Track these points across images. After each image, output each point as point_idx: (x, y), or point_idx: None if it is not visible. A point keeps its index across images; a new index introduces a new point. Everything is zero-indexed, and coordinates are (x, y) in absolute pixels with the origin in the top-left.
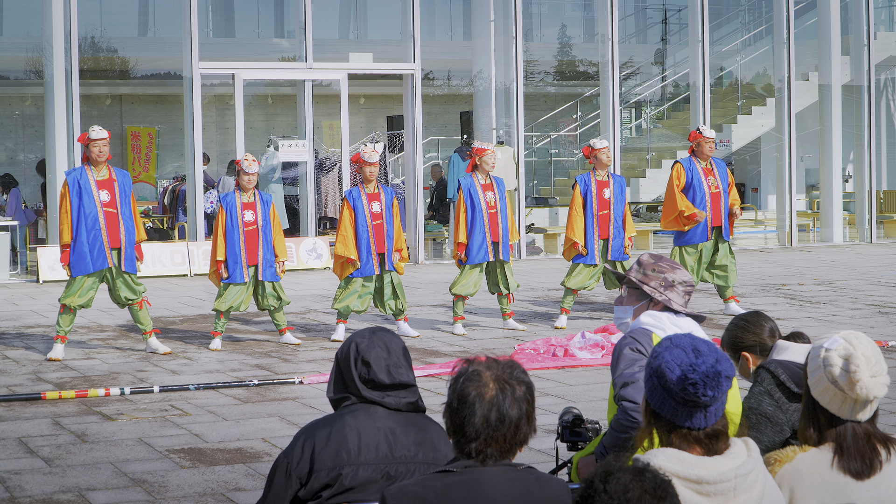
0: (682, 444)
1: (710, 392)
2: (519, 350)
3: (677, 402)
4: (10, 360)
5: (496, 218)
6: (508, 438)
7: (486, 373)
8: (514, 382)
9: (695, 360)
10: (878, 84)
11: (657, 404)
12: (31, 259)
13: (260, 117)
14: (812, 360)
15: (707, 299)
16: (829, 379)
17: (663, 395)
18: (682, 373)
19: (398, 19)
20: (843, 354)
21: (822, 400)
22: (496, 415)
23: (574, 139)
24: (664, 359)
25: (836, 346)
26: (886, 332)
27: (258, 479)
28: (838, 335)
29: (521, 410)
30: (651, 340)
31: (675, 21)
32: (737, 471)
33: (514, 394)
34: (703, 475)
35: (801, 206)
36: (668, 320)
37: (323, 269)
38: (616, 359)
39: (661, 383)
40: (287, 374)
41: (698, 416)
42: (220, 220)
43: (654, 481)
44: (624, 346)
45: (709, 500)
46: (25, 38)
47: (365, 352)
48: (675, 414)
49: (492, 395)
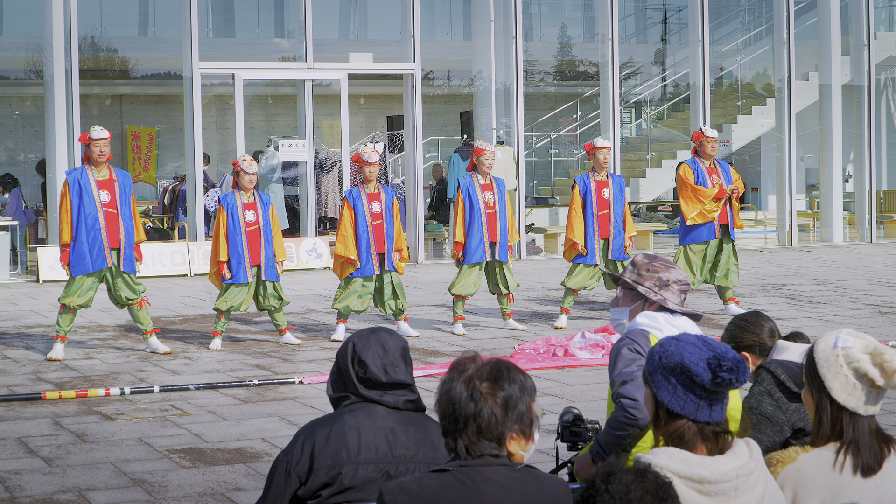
0: (693, 440)
1: (743, 377)
2: (519, 350)
3: (700, 399)
4: (10, 360)
5: (494, 218)
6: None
7: (479, 371)
8: (506, 381)
9: (716, 351)
10: (878, 84)
11: (679, 405)
12: (31, 259)
13: (260, 117)
14: (827, 362)
15: (707, 299)
16: (855, 375)
17: (685, 393)
18: (707, 365)
19: (398, 19)
20: (864, 349)
21: (849, 400)
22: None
23: (574, 139)
24: (684, 356)
25: (850, 344)
26: (886, 332)
27: (258, 479)
28: (840, 334)
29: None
30: (648, 341)
31: (675, 21)
32: (738, 471)
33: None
34: (704, 474)
35: (801, 206)
36: (664, 320)
37: (323, 269)
38: (614, 359)
39: (688, 378)
40: (287, 374)
41: (717, 410)
42: (221, 221)
43: (656, 482)
44: (622, 346)
45: (710, 500)
46: (25, 38)
47: (361, 351)
48: (698, 409)
49: (485, 394)
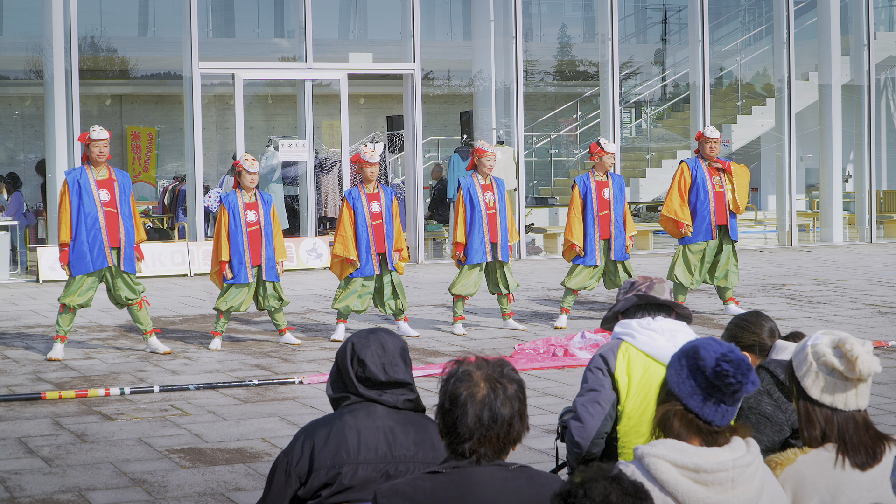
0: (682, 430)
1: (741, 378)
2: (519, 350)
3: (699, 386)
4: (10, 360)
5: (495, 218)
6: (501, 437)
7: (477, 372)
8: (505, 381)
9: (734, 351)
10: (878, 84)
11: (678, 383)
12: (31, 259)
13: (260, 117)
14: (800, 362)
15: (707, 299)
16: (825, 370)
17: (689, 374)
18: (721, 353)
19: (398, 19)
20: (831, 343)
21: (823, 396)
22: (488, 414)
23: (574, 139)
24: (702, 344)
25: (819, 340)
26: (886, 332)
27: (258, 479)
28: (816, 333)
29: (514, 409)
30: (615, 354)
31: (675, 21)
32: (735, 462)
33: (506, 392)
34: (700, 464)
35: (801, 206)
36: (637, 325)
37: (323, 269)
38: (587, 372)
39: (691, 361)
40: (287, 374)
41: (710, 408)
42: (223, 221)
43: (632, 484)
44: (591, 364)
45: (706, 490)
46: (25, 38)
47: (360, 350)
48: (692, 396)
49: (483, 395)
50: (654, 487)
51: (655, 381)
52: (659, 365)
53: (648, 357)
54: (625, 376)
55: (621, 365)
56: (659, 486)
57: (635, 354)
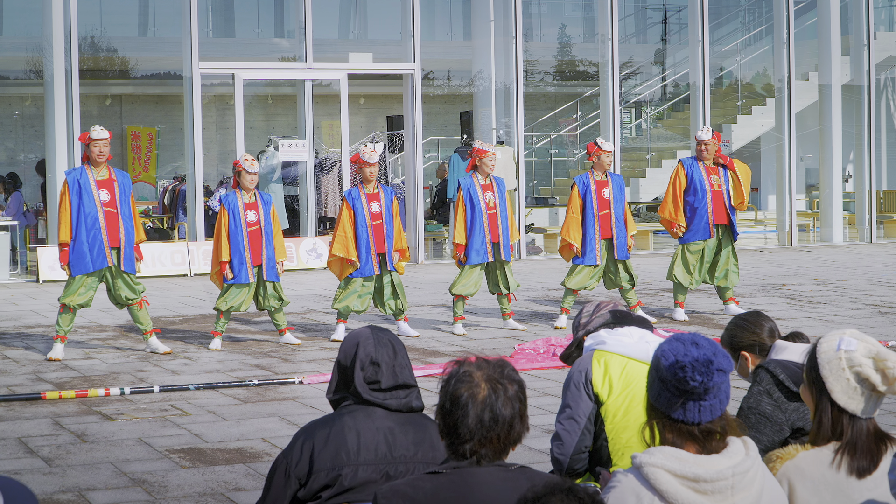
0: (676, 439)
1: (699, 377)
2: (519, 350)
3: (671, 393)
4: (10, 360)
5: (496, 218)
6: (502, 438)
7: (477, 373)
8: (506, 381)
9: (689, 349)
10: (878, 84)
11: (654, 396)
12: (31, 259)
13: (260, 117)
14: (830, 365)
15: (707, 299)
16: (856, 378)
17: (659, 385)
18: (674, 359)
19: (398, 19)
20: (867, 353)
21: (850, 403)
22: (489, 415)
23: (574, 139)
24: (662, 349)
25: (853, 347)
26: (886, 332)
27: (258, 479)
28: (842, 335)
29: (514, 409)
30: (590, 360)
31: (675, 21)
32: (734, 469)
33: (507, 393)
34: (700, 473)
35: (801, 206)
36: (605, 333)
37: (323, 269)
38: (564, 389)
39: (656, 372)
40: (287, 374)
41: (691, 409)
42: (223, 221)
43: (587, 493)
44: (567, 379)
45: (706, 499)
46: (25, 38)
47: (374, 353)
48: (670, 406)
49: (484, 396)
50: (654, 497)
51: (635, 377)
52: (636, 362)
53: (624, 357)
54: (604, 379)
55: (598, 370)
56: (659, 497)
57: (611, 357)
